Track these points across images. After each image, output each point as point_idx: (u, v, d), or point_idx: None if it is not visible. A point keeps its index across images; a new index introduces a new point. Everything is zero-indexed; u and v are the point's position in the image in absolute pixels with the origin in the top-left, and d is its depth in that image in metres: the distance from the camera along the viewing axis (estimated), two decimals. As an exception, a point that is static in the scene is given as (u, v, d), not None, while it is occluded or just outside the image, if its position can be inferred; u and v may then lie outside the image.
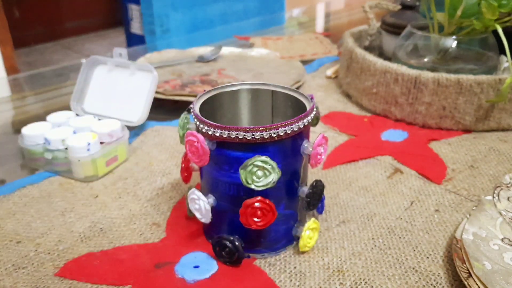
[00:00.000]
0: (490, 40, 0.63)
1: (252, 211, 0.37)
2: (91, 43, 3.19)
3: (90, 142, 0.51)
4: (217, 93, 0.43)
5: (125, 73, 0.64)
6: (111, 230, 0.44)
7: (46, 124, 0.56)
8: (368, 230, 0.44)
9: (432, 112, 0.61)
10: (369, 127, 0.64)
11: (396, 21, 0.76)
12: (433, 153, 0.57)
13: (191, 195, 0.39)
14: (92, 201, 0.49)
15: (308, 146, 0.38)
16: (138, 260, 0.40)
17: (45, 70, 0.94)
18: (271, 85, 0.44)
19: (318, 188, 0.40)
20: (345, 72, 0.74)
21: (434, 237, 0.43)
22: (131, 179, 0.53)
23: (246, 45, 1.03)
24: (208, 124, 0.36)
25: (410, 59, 0.67)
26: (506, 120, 0.60)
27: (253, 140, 0.35)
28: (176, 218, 0.46)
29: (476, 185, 0.50)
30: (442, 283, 0.38)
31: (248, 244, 0.40)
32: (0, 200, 0.49)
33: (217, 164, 0.38)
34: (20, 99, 0.81)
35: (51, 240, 0.43)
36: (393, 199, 0.48)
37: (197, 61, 0.88)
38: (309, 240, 0.40)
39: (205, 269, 0.39)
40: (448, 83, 0.58)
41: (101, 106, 0.63)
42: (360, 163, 0.55)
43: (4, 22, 1.87)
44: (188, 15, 1.96)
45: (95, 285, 0.38)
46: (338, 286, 0.37)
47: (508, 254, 0.38)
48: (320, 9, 1.52)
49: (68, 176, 0.53)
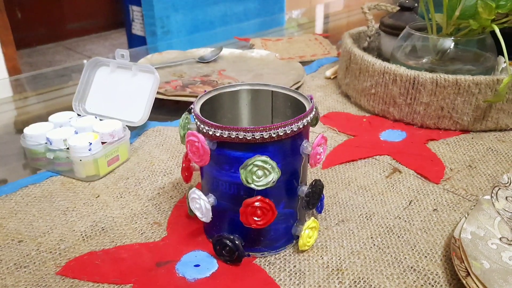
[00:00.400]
0: (488, 41, 0.64)
1: (252, 210, 0.37)
2: (92, 44, 3.20)
3: (92, 142, 0.51)
4: (218, 94, 0.43)
5: (127, 74, 0.64)
6: (112, 229, 0.45)
7: (48, 124, 0.56)
8: (367, 229, 0.44)
9: (430, 112, 0.61)
10: (368, 127, 0.64)
11: (394, 22, 0.76)
12: (432, 153, 0.57)
13: (192, 194, 0.40)
14: (93, 201, 0.49)
15: (308, 146, 0.39)
16: (139, 259, 0.41)
17: (47, 71, 0.94)
18: (271, 86, 0.45)
19: (317, 188, 0.41)
20: (344, 72, 0.74)
21: (432, 236, 0.43)
22: (132, 179, 0.53)
23: (246, 46, 1.03)
24: (208, 124, 0.37)
25: (408, 60, 0.67)
26: (504, 120, 0.61)
27: (253, 140, 0.36)
28: (177, 217, 0.46)
29: (474, 184, 0.51)
30: (440, 282, 0.38)
31: (248, 243, 0.40)
32: (2, 199, 0.49)
33: (217, 164, 0.38)
34: (22, 99, 0.81)
35: (53, 239, 0.43)
36: (391, 199, 0.49)
37: (198, 62, 0.88)
38: (309, 239, 0.41)
39: (205, 267, 0.39)
40: (446, 84, 0.59)
41: (103, 107, 0.64)
42: (359, 162, 0.56)
43: (6, 23, 1.88)
44: (189, 16, 1.96)
45: (96, 284, 0.38)
46: (337, 284, 0.38)
47: (506, 253, 0.38)
48: (319, 11, 1.53)
49: (69, 176, 0.53)
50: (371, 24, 0.81)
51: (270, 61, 0.89)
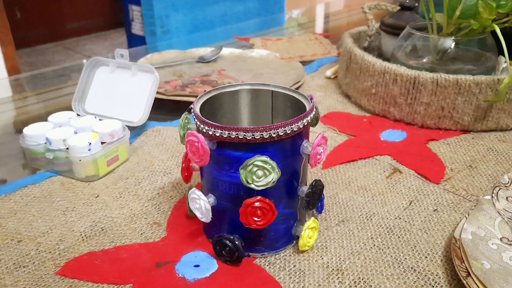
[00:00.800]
0: (489, 40, 0.64)
1: (252, 210, 0.37)
2: (92, 44, 3.20)
3: (91, 142, 0.51)
4: (218, 94, 0.43)
5: (126, 74, 0.64)
6: (112, 230, 0.45)
7: (48, 124, 0.56)
8: (367, 229, 0.44)
9: (431, 112, 0.61)
10: (368, 127, 0.64)
11: (395, 22, 0.76)
12: (432, 153, 0.57)
13: (192, 194, 0.40)
14: (93, 201, 0.49)
15: (308, 146, 0.39)
16: (139, 259, 0.41)
17: (47, 71, 0.94)
18: (271, 86, 0.45)
19: (317, 188, 0.41)
20: (344, 72, 0.74)
21: (433, 237, 0.43)
22: (132, 179, 0.53)
23: (246, 46, 1.03)
24: (208, 124, 0.37)
25: (409, 60, 0.67)
26: (505, 120, 0.61)
27: (253, 140, 0.36)
28: (177, 218, 0.46)
29: (475, 185, 0.51)
30: (441, 283, 0.38)
31: (248, 243, 0.40)
32: (2, 199, 0.49)
33: (217, 164, 0.38)
34: (21, 99, 0.81)
35: (52, 239, 0.43)
36: (392, 199, 0.49)
37: (198, 62, 0.88)
38: (309, 239, 0.41)
39: (205, 268, 0.39)
40: (446, 84, 0.59)
41: (103, 107, 0.64)
42: (359, 163, 0.56)
43: (5, 22, 1.88)
44: (188, 16, 1.96)
45: (95, 284, 0.38)
46: (337, 285, 0.38)
47: (507, 253, 0.38)
48: (319, 10, 1.53)
49: (69, 176, 0.53)
50: (371, 24, 0.81)
51: (270, 61, 0.89)
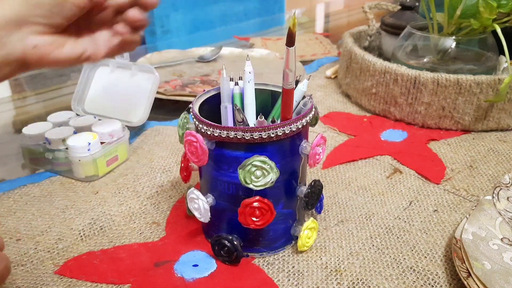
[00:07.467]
0: (489, 40, 0.63)
1: (251, 210, 0.37)
2: (92, 43, 3.19)
3: (91, 142, 0.51)
4: (217, 93, 0.43)
5: (126, 74, 0.64)
6: (111, 229, 0.44)
7: (47, 124, 0.56)
8: (366, 229, 0.44)
9: (431, 112, 0.61)
10: (368, 127, 0.64)
11: (395, 22, 0.76)
12: (432, 153, 0.57)
13: (190, 194, 0.40)
14: (92, 197, 0.49)
15: (307, 146, 0.38)
16: (138, 259, 0.40)
17: (46, 71, 0.94)
18: (270, 85, 0.44)
19: (316, 188, 0.40)
20: (344, 72, 0.74)
21: (433, 237, 0.43)
22: (131, 175, 0.53)
23: (246, 46, 1.03)
24: (207, 124, 0.36)
25: (409, 60, 0.67)
26: (505, 120, 0.60)
27: (252, 140, 0.35)
28: (176, 217, 0.46)
29: (475, 185, 0.51)
30: (440, 283, 0.38)
31: (246, 243, 0.40)
32: (1, 197, 0.49)
33: (216, 164, 0.38)
34: (21, 99, 0.81)
35: (51, 238, 0.43)
36: (391, 199, 0.48)
37: (198, 61, 0.88)
38: (308, 239, 0.40)
39: (204, 267, 0.39)
40: (447, 83, 0.59)
41: (102, 107, 0.64)
42: (360, 163, 0.55)
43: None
44: (188, 15, 1.96)
45: (94, 284, 0.38)
46: (336, 285, 0.38)
47: (508, 253, 0.38)
48: (319, 10, 1.52)
49: (68, 176, 0.53)
50: (372, 23, 0.81)
51: (270, 60, 0.88)
